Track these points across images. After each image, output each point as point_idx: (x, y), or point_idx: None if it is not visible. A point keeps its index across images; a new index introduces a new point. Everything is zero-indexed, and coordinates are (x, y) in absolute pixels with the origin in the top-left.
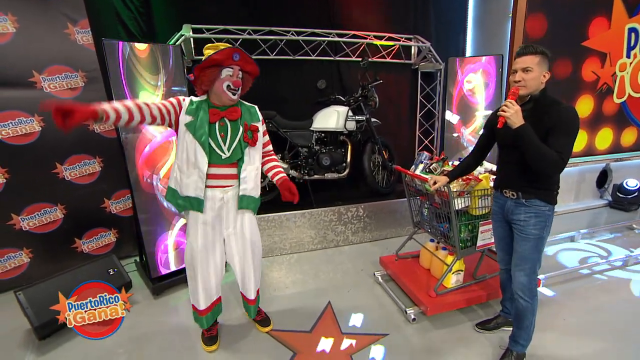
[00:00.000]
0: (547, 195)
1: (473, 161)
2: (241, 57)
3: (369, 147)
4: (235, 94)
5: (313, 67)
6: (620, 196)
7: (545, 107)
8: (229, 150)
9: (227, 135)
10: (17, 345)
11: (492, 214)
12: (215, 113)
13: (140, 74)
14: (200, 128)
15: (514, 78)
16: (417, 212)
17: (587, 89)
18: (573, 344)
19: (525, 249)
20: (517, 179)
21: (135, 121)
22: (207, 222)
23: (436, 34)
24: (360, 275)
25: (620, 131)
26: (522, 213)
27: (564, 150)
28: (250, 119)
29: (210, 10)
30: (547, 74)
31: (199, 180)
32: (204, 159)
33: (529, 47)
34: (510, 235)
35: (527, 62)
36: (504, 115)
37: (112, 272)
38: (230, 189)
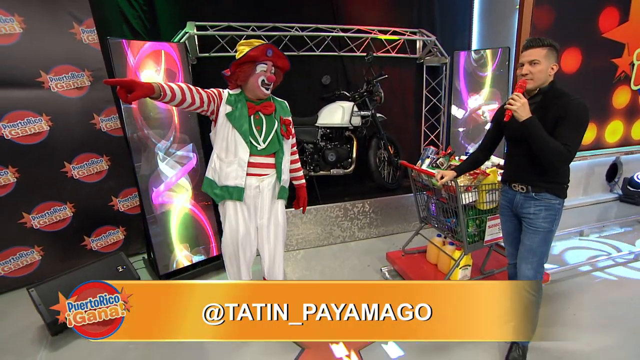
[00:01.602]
0: (557, 189)
1: (481, 155)
2: (274, 53)
3: (374, 143)
4: (269, 88)
5: (317, 63)
6: (631, 190)
7: (553, 99)
8: (264, 142)
9: (262, 128)
10: (31, 341)
11: (500, 208)
12: (251, 107)
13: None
14: (241, 118)
15: (521, 71)
16: (424, 207)
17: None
18: (583, 339)
19: (534, 242)
20: (527, 173)
21: (186, 103)
22: (244, 208)
23: (441, 28)
24: (366, 270)
25: (630, 124)
26: (531, 207)
27: (571, 142)
28: (284, 113)
29: (214, 8)
30: (555, 66)
31: (239, 169)
32: (245, 148)
33: (536, 39)
34: (518, 229)
35: (535, 55)
36: (510, 108)
37: (121, 269)
38: (266, 178)
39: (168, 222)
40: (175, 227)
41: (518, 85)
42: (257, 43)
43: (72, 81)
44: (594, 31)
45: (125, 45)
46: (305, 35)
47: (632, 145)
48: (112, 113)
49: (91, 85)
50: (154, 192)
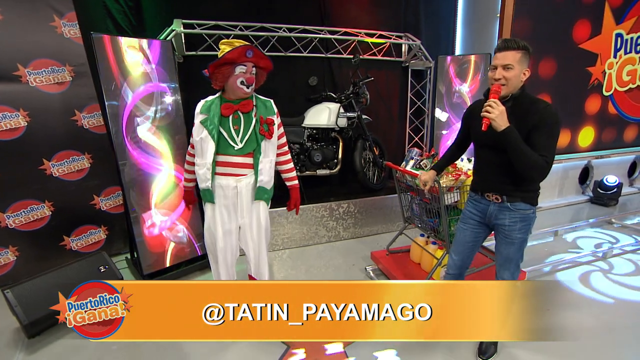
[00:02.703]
0: (532, 197)
1: (457, 151)
2: (255, 54)
3: (360, 144)
4: (249, 87)
5: (304, 64)
6: (600, 192)
7: (525, 105)
8: (242, 142)
9: (240, 127)
10: (6, 343)
11: (463, 217)
12: (229, 107)
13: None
14: (212, 122)
15: (494, 75)
16: (408, 208)
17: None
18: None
19: (510, 251)
20: (501, 183)
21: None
22: (222, 209)
23: (426, 33)
24: (352, 270)
25: (602, 130)
26: (506, 218)
27: (548, 152)
28: (266, 112)
29: (202, 6)
30: (527, 72)
31: (207, 172)
32: (212, 151)
33: (511, 40)
34: (478, 241)
35: (509, 59)
36: (488, 116)
37: (103, 269)
38: (244, 178)
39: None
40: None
41: (493, 91)
42: (238, 43)
43: (52, 76)
44: (569, 41)
45: (108, 42)
46: (293, 37)
47: (602, 150)
48: (95, 110)
49: (73, 81)
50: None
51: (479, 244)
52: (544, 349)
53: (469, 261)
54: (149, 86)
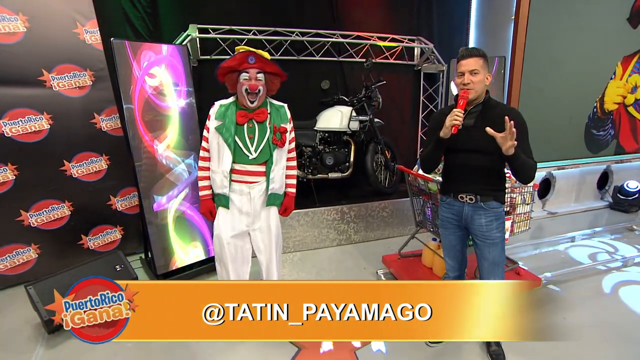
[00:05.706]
0: (502, 196)
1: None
2: (257, 60)
3: (372, 147)
4: (255, 97)
5: (317, 68)
6: (620, 198)
7: (492, 109)
8: (256, 152)
9: (255, 136)
10: (28, 338)
11: (441, 222)
12: (244, 115)
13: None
14: (228, 130)
15: (462, 80)
16: (420, 212)
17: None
18: (570, 346)
19: (495, 254)
20: (476, 183)
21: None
22: (235, 215)
23: (439, 36)
24: (362, 273)
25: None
26: (482, 217)
27: (530, 151)
28: (280, 120)
29: (217, 11)
30: (489, 77)
31: (224, 179)
32: (229, 159)
33: (473, 49)
34: (463, 241)
35: (473, 65)
36: (456, 124)
37: (119, 268)
38: (256, 185)
39: (166, 224)
40: (172, 227)
41: (461, 96)
42: (243, 50)
43: (74, 80)
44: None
45: (128, 47)
46: (305, 40)
47: (623, 155)
48: (113, 113)
49: (93, 85)
50: (155, 203)
51: (466, 244)
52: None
53: (465, 261)
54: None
